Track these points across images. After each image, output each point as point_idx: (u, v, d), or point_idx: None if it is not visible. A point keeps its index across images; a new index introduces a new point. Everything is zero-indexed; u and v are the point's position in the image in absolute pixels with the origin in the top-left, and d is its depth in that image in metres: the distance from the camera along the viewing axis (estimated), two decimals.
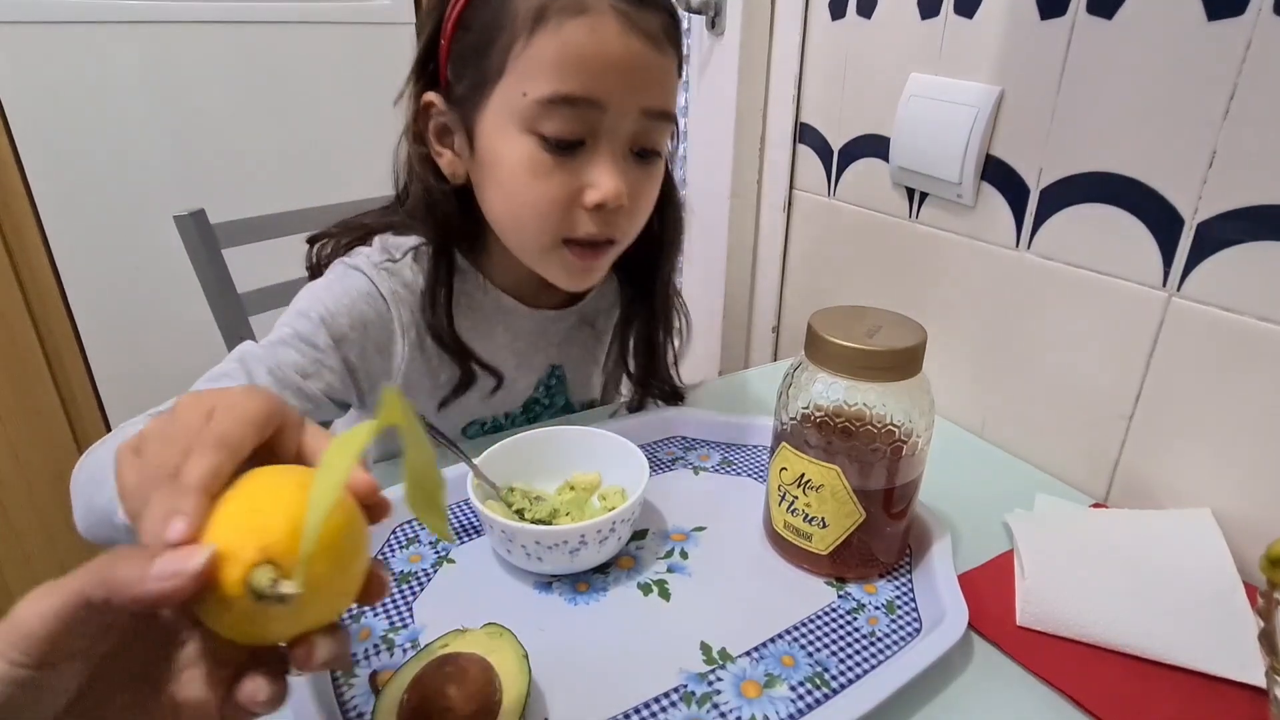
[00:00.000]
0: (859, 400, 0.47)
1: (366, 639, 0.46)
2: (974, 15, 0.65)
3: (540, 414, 0.73)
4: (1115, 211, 0.58)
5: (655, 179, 0.58)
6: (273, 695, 0.27)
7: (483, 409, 0.68)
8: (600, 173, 0.52)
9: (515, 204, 0.55)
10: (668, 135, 0.56)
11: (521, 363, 0.67)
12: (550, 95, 0.49)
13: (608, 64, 0.50)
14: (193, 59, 1.32)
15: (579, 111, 0.50)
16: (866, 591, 0.51)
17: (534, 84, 0.50)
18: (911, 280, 0.78)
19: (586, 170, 0.53)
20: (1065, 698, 0.43)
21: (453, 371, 0.62)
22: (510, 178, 0.54)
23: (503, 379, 0.64)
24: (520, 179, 0.53)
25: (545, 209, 0.53)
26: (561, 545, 0.49)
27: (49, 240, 1.31)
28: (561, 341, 0.70)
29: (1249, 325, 0.52)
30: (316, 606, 0.27)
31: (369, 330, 0.59)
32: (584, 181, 0.53)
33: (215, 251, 0.87)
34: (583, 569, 0.52)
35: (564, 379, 0.72)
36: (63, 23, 1.23)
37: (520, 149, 0.52)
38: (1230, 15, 0.49)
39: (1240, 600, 0.48)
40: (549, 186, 0.53)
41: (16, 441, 1.36)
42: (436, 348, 0.61)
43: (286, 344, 0.57)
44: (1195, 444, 0.57)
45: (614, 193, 0.52)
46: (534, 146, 0.51)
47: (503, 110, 0.52)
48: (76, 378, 1.41)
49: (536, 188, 0.53)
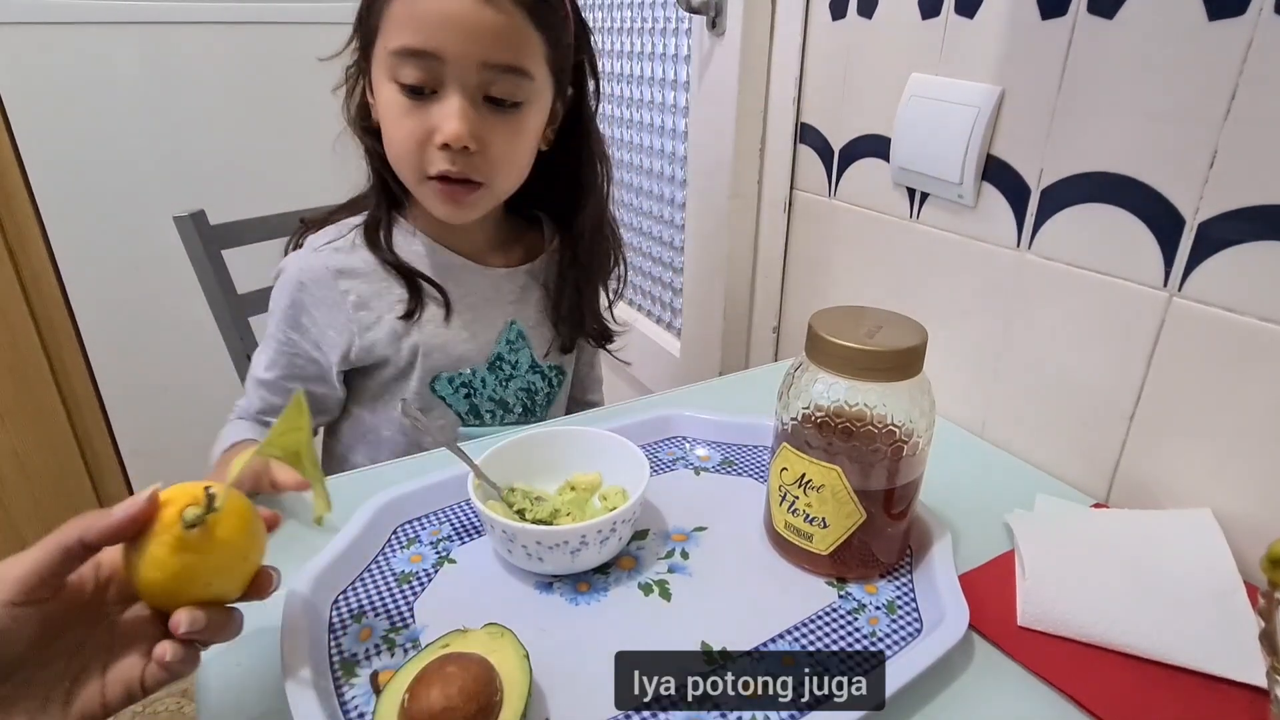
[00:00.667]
0: (860, 400, 0.47)
1: (367, 639, 0.46)
2: (975, 15, 0.65)
3: (510, 374, 0.77)
4: (1116, 211, 0.58)
5: (515, 127, 0.65)
6: (178, 656, 0.35)
7: (446, 360, 0.73)
8: (444, 116, 0.61)
9: (390, 143, 0.65)
10: (521, 88, 0.63)
11: (478, 316, 0.74)
12: (399, 48, 0.60)
13: (445, 21, 0.59)
14: (194, 60, 1.32)
15: (423, 62, 0.60)
16: (867, 592, 0.51)
17: (391, 38, 0.60)
18: (912, 280, 0.77)
19: (435, 114, 0.61)
20: (1066, 698, 0.43)
21: (402, 294, 0.71)
22: (385, 120, 0.64)
23: (449, 298, 0.72)
24: (390, 121, 0.64)
25: (408, 147, 0.63)
26: (562, 545, 0.49)
27: (50, 241, 1.32)
28: (517, 300, 0.77)
29: (1250, 325, 0.52)
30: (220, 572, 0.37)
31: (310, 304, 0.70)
32: (433, 124, 0.62)
33: (215, 252, 0.87)
34: (584, 569, 0.52)
35: (524, 334, 0.78)
36: (65, 24, 1.23)
37: (387, 94, 0.63)
38: (1231, 15, 0.49)
39: (1241, 600, 0.48)
40: (407, 126, 0.62)
41: (18, 441, 1.36)
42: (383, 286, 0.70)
43: (267, 350, 0.72)
44: (1196, 444, 0.57)
45: (454, 135, 0.61)
46: (395, 92, 0.62)
47: (378, 63, 0.63)
48: (78, 377, 1.41)
49: (401, 128, 0.63)
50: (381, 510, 0.56)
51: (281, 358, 0.72)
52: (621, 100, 1.32)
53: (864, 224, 0.82)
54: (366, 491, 0.57)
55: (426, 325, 0.72)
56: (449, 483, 0.59)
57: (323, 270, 0.70)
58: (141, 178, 1.34)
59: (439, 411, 0.76)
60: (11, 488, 1.38)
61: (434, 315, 0.72)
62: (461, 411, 0.77)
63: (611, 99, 1.35)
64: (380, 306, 0.71)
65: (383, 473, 0.65)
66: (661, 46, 1.17)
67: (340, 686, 0.42)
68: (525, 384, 0.79)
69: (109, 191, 1.33)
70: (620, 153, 1.36)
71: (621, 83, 1.31)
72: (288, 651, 0.42)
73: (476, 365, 0.75)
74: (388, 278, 0.71)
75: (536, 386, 0.80)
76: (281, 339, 0.72)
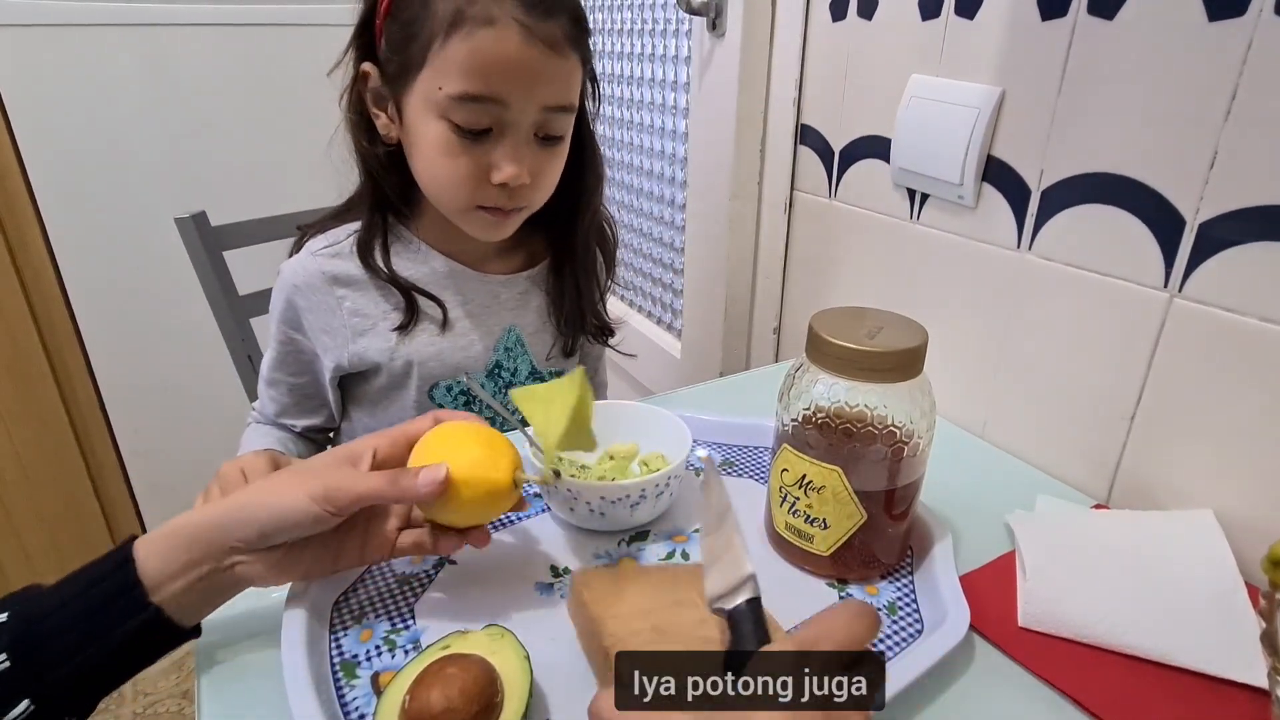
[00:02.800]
0: (860, 401, 0.47)
1: (368, 640, 0.46)
2: (975, 16, 0.65)
3: (510, 381, 0.77)
4: (1116, 212, 0.58)
5: (558, 157, 0.67)
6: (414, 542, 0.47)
7: (442, 368, 0.73)
8: (503, 157, 0.62)
9: (432, 175, 0.65)
10: (568, 122, 0.65)
11: (476, 324, 0.74)
12: (460, 93, 0.58)
13: (510, 69, 0.58)
14: (195, 62, 1.32)
15: (485, 107, 0.59)
16: (868, 593, 0.51)
17: (447, 81, 0.58)
18: (912, 281, 0.78)
19: (492, 154, 0.62)
20: (1067, 698, 0.43)
21: (398, 302, 0.71)
22: (429, 153, 0.63)
23: (446, 309, 0.72)
24: (436, 156, 0.62)
25: (457, 182, 0.63)
26: (624, 500, 0.53)
27: (51, 243, 1.32)
28: (516, 306, 0.76)
29: (1251, 326, 0.52)
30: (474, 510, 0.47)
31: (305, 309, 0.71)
32: (490, 162, 0.62)
33: (216, 254, 0.87)
34: (640, 524, 0.56)
35: (522, 341, 0.77)
36: (66, 26, 1.23)
37: (436, 131, 0.61)
38: (1231, 16, 0.49)
39: (1242, 601, 0.48)
40: (459, 165, 0.62)
41: (19, 441, 1.36)
42: (379, 295, 0.70)
43: (271, 352, 0.74)
44: (1197, 445, 0.57)
45: (513, 175, 0.62)
46: (447, 131, 0.60)
47: (422, 96, 0.61)
48: (79, 379, 1.41)
49: (449, 165, 0.62)
50: None
51: (287, 358, 0.73)
52: (622, 101, 1.32)
53: (864, 225, 0.82)
54: None
55: (420, 336, 0.72)
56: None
57: (317, 275, 0.69)
58: (142, 179, 1.34)
59: None
60: (11, 488, 1.38)
61: (429, 326, 0.72)
62: None
63: (612, 100, 1.35)
64: (375, 314, 0.71)
65: None
66: (662, 48, 1.17)
67: (341, 687, 0.42)
68: (519, 385, 0.79)
69: (110, 192, 1.33)
70: (621, 153, 1.36)
71: (622, 84, 1.31)
72: (288, 652, 0.42)
73: (475, 373, 0.75)
74: (384, 285, 0.71)
75: None
76: (283, 339, 0.72)
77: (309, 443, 0.79)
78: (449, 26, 0.57)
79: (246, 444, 0.74)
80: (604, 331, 0.83)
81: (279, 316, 0.72)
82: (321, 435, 0.81)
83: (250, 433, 0.76)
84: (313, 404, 0.76)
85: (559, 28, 0.59)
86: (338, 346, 0.71)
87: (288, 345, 0.73)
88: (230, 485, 0.57)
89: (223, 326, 0.89)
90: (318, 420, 0.77)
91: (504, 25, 0.57)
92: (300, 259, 0.71)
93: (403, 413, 0.75)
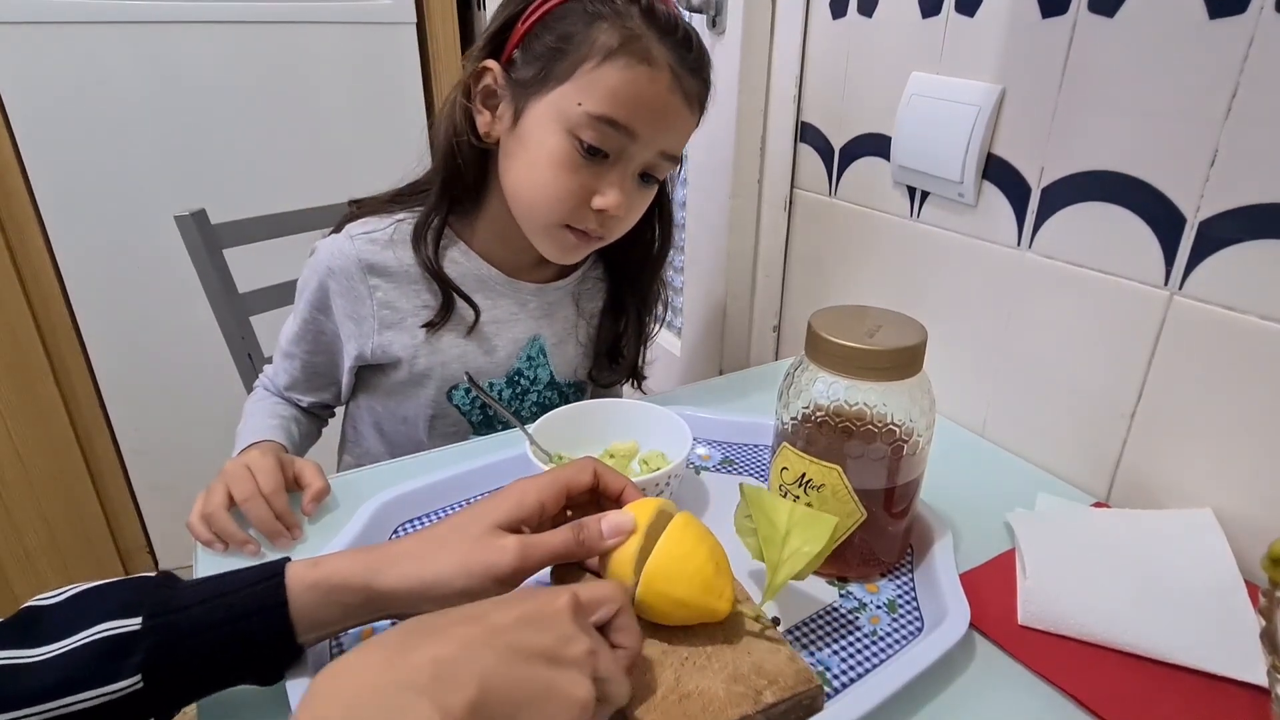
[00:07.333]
0: (860, 400, 0.47)
1: (368, 639, 0.46)
2: (975, 14, 0.65)
3: (527, 388, 0.77)
4: (1117, 210, 0.58)
5: (647, 200, 0.69)
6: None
7: (462, 372, 0.73)
8: (610, 185, 0.63)
9: (536, 184, 0.64)
10: (670, 170, 0.68)
11: (500, 330, 0.74)
12: (601, 114, 0.60)
13: (651, 108, 0.61)
14: (194, 59, 1.32)
15: (616, 133, 0.61)
16: (868, 591, 0.51)
17: (591, 100, 0.60)
18: (912, 279, 0.77)
19: (602, 179, 0.63)
20: (1067, 697, 0.43)
21: (429, 300, 0.71)
22: (540, 161, 0.63)
23: (479, 311, 0.72)
24: (548, 166, 0.62)
25: (560, 196, 0.63)
26: None
27: (51, 240, 1.32)
28: (542, 316, 0.76)
29: (1251, 324, 0.52)
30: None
31: (335, 292, 0.70)
32: (597, 187, 0.63)
33: (216, 251, 0.87)
34: None
35: (545, 351, 0.77)
36: (65, 23, 1.23)
37: (557, 142, 0.62)
38: (1231, 14, 0.49)
39: (1242, 599, 0.48)
40: (567, 180, 0.63)
41: (18, 439, 1.36)
42: (412, 290, 0.71)
43: (293, 324, 0.74)
44: (1197, 443, 0.57)
45: (616, 204, 0.63)
46: (570, 145, 0.61)
47: (555, 106, 0.61)
48: (78, 376, 1.41)
49: (558, 178, 0.63)
50: (382, 510, 0.56)
51: (307, 334, 0.74)
52: None
53: (864, 223, 0.82)
54: (367, 491, 0.57)
55: (446, 336, 0.72)
56: (449, 482, 0.59)
57: (354, 261, 0.69)
58: (142, 177, 1.34)
59: (453, 419, 0.76)
60: (11, 487, 1.38)
61: (457, 328, 0.72)
62: (475, 422, 0.77)
63: None
64: (405, 309, 0.71)
65: (383, 473, 0.65)
66: None
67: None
68: (541, 399, 0.78)
69: (109, 191, 1.33)
70: None
71: None
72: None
73: (495, 379, 0.75)
74: (418, 281, 0.70)
75: (554, 403, 0.79)
76: (308, 317, 0.73)
77: (313, 418, 0.80)
78: (609, 53, 0.59)
79: (250, 415, 0.74)
80: (637, 375, 0.84)
81: (308, 296, 0.72)
82: (326, 411, 0.82)
83: (255, 403, 0.76)
84: (323, 381, 0.77)
85: (699, 87, 0.64)
86: (363, 335, 0.71)
87: (311, 324, 0.73)
88: (237, 484, 0.56)
89: (223, 325, 0.89)
90: (325, 397, 0.78)
91: (659, 69, 0.60)
92: (338, 241, 0.70)
93: (416, 409, 0.74)
